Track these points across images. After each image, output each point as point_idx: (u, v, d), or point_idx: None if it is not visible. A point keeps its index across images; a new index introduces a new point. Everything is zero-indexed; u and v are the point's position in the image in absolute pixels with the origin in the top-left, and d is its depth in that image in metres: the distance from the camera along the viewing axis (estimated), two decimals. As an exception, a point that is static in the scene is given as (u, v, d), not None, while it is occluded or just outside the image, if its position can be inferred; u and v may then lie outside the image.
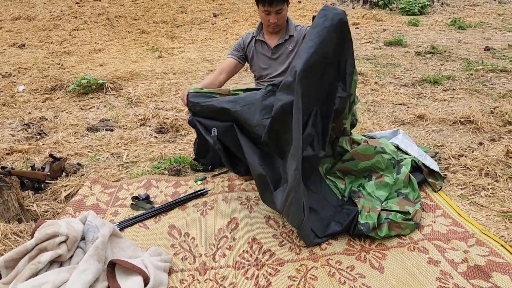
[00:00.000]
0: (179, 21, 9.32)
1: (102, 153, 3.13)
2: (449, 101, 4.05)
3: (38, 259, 1.64)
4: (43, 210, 2.34)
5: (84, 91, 4.55)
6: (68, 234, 1.73)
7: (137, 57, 6.50)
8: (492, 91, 4.25)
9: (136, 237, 2.12)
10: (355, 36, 7.58)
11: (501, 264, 1.76)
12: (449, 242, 1.96)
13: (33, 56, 6.51)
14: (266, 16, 2.50)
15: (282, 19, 2.54)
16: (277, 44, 2.64)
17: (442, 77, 4.74)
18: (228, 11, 10.35)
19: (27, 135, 3.48)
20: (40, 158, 3.02)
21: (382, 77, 4.91)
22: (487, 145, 3.03)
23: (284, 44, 2.64)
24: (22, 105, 4.28)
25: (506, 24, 8.26)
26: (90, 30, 8.52)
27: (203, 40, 7.79)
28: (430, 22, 8.79)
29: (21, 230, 2.03)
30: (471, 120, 3.41)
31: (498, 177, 2.57)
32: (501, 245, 1.88)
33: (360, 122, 3.50)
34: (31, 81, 5.06)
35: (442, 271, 1.78)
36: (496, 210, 2.24)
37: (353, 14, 9.95)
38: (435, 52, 5.96)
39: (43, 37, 7.87)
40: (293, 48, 2.64)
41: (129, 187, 2.59)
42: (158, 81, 4.99)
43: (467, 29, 7.90)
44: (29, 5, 10.14)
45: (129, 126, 3.65)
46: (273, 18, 2.49)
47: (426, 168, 2.51)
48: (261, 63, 2.71)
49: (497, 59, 5.59)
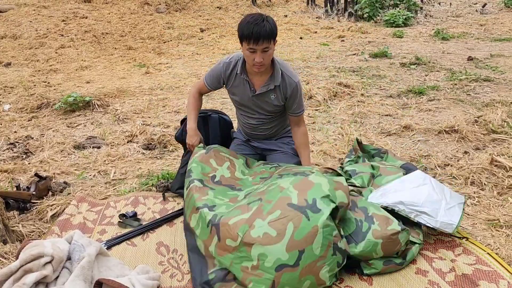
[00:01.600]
0: (166, 36, 9.36)
1: (89, 171, 3.11)
2: (434, 111, 4.11)
3: (23, 280, 1.62)
4: (28, 231, 2.31)
5: (71, 108, 4.53)
6: (53, 254, 1.71)
7: (124, 74, 6.49)
8: (476, 100, 4.32)
9: (123, 255, 2.10)
10: (340, 49, 7.68)
11: (487, 272, 1.78)
12: (436, 252, 1.97)
13: (19, 75, 6.47)
14: (250, 55, 2.24)
15: (268, 58, 2.29)
16: (260, 93, 2.44)
17: (427, 88, 4.81)
18: (215, 26, 10.42)
19: (12, 155, 3.44)
20: (26, 178, 2.98)
21: (368, 89, 4.96)
22: (472, 153, 3.08)
23: (268, 92, 2.44)
24: (8, 124, 4.24)
25: (488, 34, 8.43)
26: (76, 47, 8.50)
27: (190, 55, 7.82)
28: (414, 33, 8.93)
29: (6, 252, 2.00)
30: (456, 129, 3.45)
31: (484, 185, 2.61)
32: (488, 253, 1.90)
33: (347, 134, 3.53)
34: (17, 99, 5.02)
35: (430, 281, 1.79)
36: (482, 218, 2.27)
37: (339, 27, 10.08)
38: (419, 63, 6.05)
39: (29, 55, 7.83)
40: (275, 98, 2.46)
41: (117, 205, 2.57)
42: (146, 97, 4.99)
43: (450, 40, 8.05)
44: (14, 24, 10.10)
45: (116, 143, 3.64)
46: (258, 57, 2.22)
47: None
48: (241, 98, 2.54)
49: (480, 68, 5.69)
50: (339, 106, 4.39)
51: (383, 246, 1.83)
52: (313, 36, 9.29)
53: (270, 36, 2.21)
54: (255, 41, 2.18)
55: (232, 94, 2.59)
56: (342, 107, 4.34)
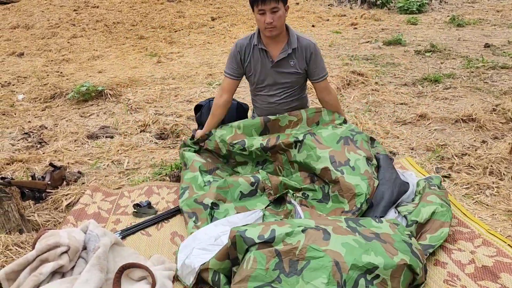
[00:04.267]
0: (177, 26, 9.32)
1: (102, 160, 3.11)
2: (450, 99, 4.03)
3: (40, 270, 1.62)
4: (44, 220, 2.32)
5: (84, 98, 4.54)
6: (69, 244, 1.71)
7: (136, 63, 6.48)
8: (493, 89, 4.23)
9: (138, 245, 2.10)
10: (353, 37, 7.57)
11: (509, 265, 1.74)
12: (455, 243, 1.93)
13: (32, 65, 6.50)
14: (261, 17, 2.37)
15: (279, 20, 2.38)
16: (279, 59, 2.52)
17: (442, 76, 4.71)
18: (226, 15, 10.34)
19: (27, 144, 3.46)
20: (41, 167, 3.00)
21: (382, 77, 4.88)
22: (491, 143, 3.01)
23: (287, 58, 2.52)
24: (22, 114, 4.26)
25: (505, 21, 8.24)
26: (88, 37, 8.52)
27: (202, 44, 7.77)
28: (428, 20, 8.77)
29: (22, 241, 2.01)
30: (473, 118, 3.38)
31: (503, 175, 2.55)
32: (508, 245, 1.86)
33: (362, 123, 3.48)
34: (30, 89, 5.05)
35: (449, 272, 1.76)
36: (502, 209, 2.22)
37: (351, 14, 9.94)
38: (434, 51, 5.94)
39: (41, 45, 7.86)
40: (295, 64, 2.54)
41: (131, 195, 2.57)
42: (158, 87, 4.97)
43: (466, 27, 7.88)
44: (27, 14, 10.15)
45: (129, 132, 3.63)
46: (268, 18, 2.33)
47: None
48: (260, 73, 2.60)
49: (497, 56, 5.57)
50: (353, 95, 4.32)
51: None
52: (325, 24, 9.17)
53: None
54: (263, 1, 2.29)
55: (250, 73, 2.63)
56: (356, 96, 4.28)
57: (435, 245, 1.85)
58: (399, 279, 1.55)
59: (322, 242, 1.60)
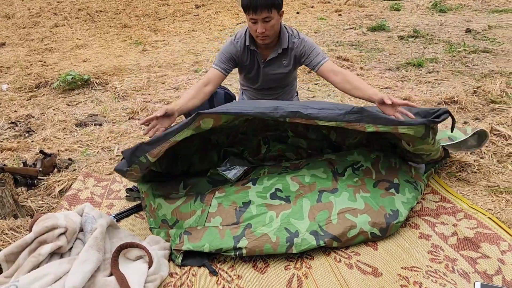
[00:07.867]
0: (161, 14, 9.25)
1: (92, 147, 3.13)
2: (433, 83, 4.12)
3: (39, 251, 1.66)
4: (37, 206, 2.34)
5: (70, 87, 4.51)
6: (66, 226, 1.74)
7: (121, 52, 6.44)
8: (474, 72, 4.33)
9: (133, 227, 2.14)
10: (338, 23, 7.62)
11: (489, 235, 1.83)
12: (438, 217, 2.02)
13: (14, 55, 6.41)
14: (253, 26, 2.27)
15: (271, 30, 2.28)
16: (270, 58, 2.47)
17: (425, 60, 4.81)
18: (210, 2, 10.29)
19: (14, 133, 3.45)
20: (30, 155, 3.00)
21: (367, 62, 4.96)
22: (472, 124, 3.11)
23: (278, 58, 2.47)
24: (7, 104, 4.23)
25: (485, 6, 8.38)
26: (71, 26, 8.40)
27: (187, 32, 7.74)
28: (411, 6, 8.87)
29: (17, 226, 2.04)
30: (455, 100, 3.48)
31: (484, 154, 2.65)
32: (488, 217, 1.95)
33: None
34: (14, 79, 5.00)
35: (433, 244, 1.84)
36: (483, 185, 2.32)
37: (336, 1, 9.98)
38: (417, 36, 6.04)
39: (23, 34, 7.74)
40: (287, 64, 2.50)
41: (122, 180, 2.60)
42: (144, 75, 4.97)
43: (448, 12, 8.00)
44: (6, 3, 9.95)
45: (117, 120, 3.65)
46: (260, 28, 2.23)
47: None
48: (252, 72, 2.57)
49: (478, 40, 5.69)
50: (339, 79, 4.38)
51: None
52: (309, 11, 9.20)
53: (269, 6, 2.18)
54: (254, 11, 2.18)
55: (243, 71, 2.61)
56: (342, 81, 4.34)
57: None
58: (378, 164, 2.17)
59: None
